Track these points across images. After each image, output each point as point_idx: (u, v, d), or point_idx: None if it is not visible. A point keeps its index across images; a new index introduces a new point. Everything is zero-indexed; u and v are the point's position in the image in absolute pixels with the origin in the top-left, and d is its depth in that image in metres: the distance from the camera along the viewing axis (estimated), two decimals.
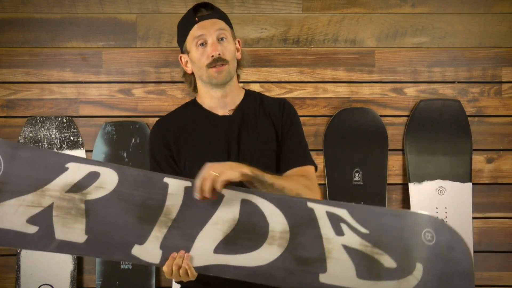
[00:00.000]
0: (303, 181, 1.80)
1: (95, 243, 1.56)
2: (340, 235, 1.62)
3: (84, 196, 1.58)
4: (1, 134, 2.90)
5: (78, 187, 1.59)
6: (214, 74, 1.81)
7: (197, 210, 1.61)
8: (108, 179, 1.62)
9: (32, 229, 1.54)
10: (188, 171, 1.79)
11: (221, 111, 1.88)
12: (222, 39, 1.82)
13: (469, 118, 2.94)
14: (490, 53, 2.97)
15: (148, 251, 1.56)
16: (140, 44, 2.92)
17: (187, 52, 1.87)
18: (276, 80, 2.94)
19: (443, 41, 2.97)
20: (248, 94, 1.94)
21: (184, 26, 1.87)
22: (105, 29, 2.92)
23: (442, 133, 2.92)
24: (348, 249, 1.61)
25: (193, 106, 1.92)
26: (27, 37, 2.91)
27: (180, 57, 1.91)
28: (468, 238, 2.87)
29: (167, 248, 1.57)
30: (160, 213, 1.60)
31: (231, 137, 1.83)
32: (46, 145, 2.88)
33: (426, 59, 2.97)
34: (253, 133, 1.85)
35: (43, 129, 2.88)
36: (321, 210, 1.65)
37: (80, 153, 2.88)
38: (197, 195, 1.59)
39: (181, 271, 1.56)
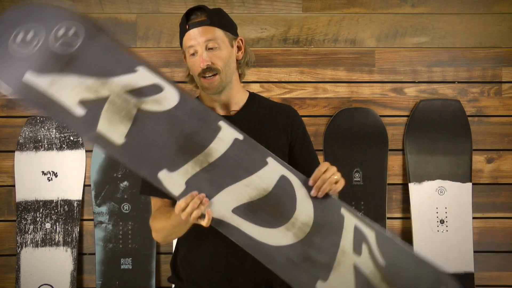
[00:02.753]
0: None
1: (130, 150, 1.55)
2: (357, 254, 1.60)
3: (139, 104, 1.57)
4: (1, 134, 2.90)
5: (138, 93, 1.58)
6: (205, 85, 1.81)
7: (236, 165, 1.60)
8: (169, 98, 1.60)
9: (80, 111, 1.53)
10: None
11: (222, 112, 1.87)
12: (212, 48, 1.79)
13: (469, 118, 2.94)
14: (490, 53, 2.97)
15: (174, 180, 1.55)
16: (140, 44, 2.92)
17: (185, 57, 1.88)
18: (276, 80, 2.94)
19: (443, 41, 2.97)
20: (253, 97, 1.93)
21: (180, 32, 1.87)
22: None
23: (442, 133, 2.92)
24: (357, 271, 1.58)
25: None
26: None
27: (184, 57, 1.91)
28: (468, 238, 2.87)
29: (191, 186, 1.55)
30: (201, 152, 1.59)
31: None
32: (46, 145, 2.88)
33: (426, 59, 2.96)
34: (254, 136, 1.83)
35: (43, 129, 2.88)
36: (351, 221, 1.63)
37: (80, 153, 2.88)
38: (314, 192, 1.61)
39: (195, 213, 1.54)
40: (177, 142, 1.58)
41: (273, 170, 1.63)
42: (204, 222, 1.56)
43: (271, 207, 1.60)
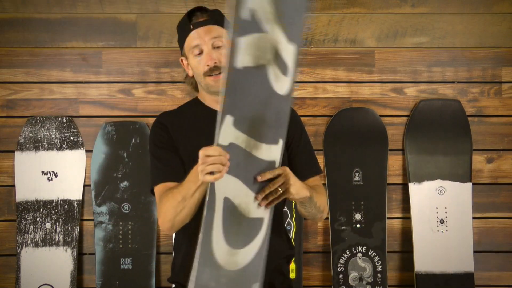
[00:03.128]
0: (321, 190, 1.89)
1: (235, 79, 1.57)
2: None
3: (268, 65, 1.61)
4: (1, 134, 2.91)
5: (276, 58, 1.61)
6: (211, 83, 1.83)
7: (257, 171, 1.66)
8: (284, 86, 1.66)
9: (244, 15, 1.54)
10: (186, 165, 1.81)
11: None
12: (218, 47, 1.82)
13: (469, 118, 2.94)
14: (490, 53, 2.97)
15: (228, 132, 1.58)
16: (140, 44, 2.92)
17: (186, 58, 1.89)
18: None
19: (443, 41, 2.97)
20: None
21: (181, 33, 1.87)
22: (105, 29, 2.92)
23: (442, 133, 2.92)
24: None
25: (194, 103, 1.94)
26: (27, 37, 2.91)
27: (181, 60, 1.92)
28: (468, 238, 2.87)
29: (229, 149, 1.58)
30: (256, 140, 1.64)
31: None
32: (46, 145, 2.88)
33: (426, 59, 2.96)
34: None
35: (43, 129, 2.88)
36: None
37: (80, 153, 2.88)
38: (258, 196, 1.65)
39: (216, 166, 1.53)
40: (256, 114, 1.62)
41: (265, 212, 1.70)
42: (213, 177, 1.54)
43: (239, 227, 1.66)
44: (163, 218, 1.77)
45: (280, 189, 1.66)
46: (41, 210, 2.85)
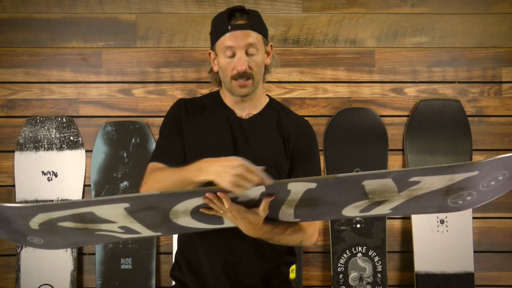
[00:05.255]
0: (301, 225, 1.81)
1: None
2: None
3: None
4: (1, 134, 2.91)
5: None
6: (236, 88, 1.82)
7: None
8: None
9: None
10: (189, 155, 1.83)
11: (239, 113, 1.89)
12: (251, 54, 1.80)
13: (469, 118, 2.94)
14: (490, 53, 2.97)
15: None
16: (140, 44, 2.92)
17: (216, 55, 1.86)
18: (276, 80, 2.94)
19: (443, 41, 2.97)
20: (271, 103, 1.95)
21: (216, 29, 1.84)
22: (105, 29, 2.92)
23: (442, 133, 2.92)
24: None
25: (214, 98, 1.94)
26: (27, 37, 2.91)
27: (209, 53, 1.90)
28: (468, 238, 2.87)
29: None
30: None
31: (240, 139, 1.85)
32: (46, 145, 2.88)
33: (426, 59, 2.97)
34: (261, 143, 1.86)
35: (43, 129, 2.88)
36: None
37: (80, 153, 2.88)
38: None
39: (248, 184, 1.50)
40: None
41: None
42: (238, 190, 1.51)
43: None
44: (149, 187, 1.75)
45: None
46: None
